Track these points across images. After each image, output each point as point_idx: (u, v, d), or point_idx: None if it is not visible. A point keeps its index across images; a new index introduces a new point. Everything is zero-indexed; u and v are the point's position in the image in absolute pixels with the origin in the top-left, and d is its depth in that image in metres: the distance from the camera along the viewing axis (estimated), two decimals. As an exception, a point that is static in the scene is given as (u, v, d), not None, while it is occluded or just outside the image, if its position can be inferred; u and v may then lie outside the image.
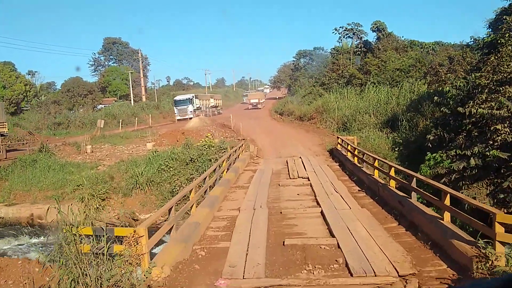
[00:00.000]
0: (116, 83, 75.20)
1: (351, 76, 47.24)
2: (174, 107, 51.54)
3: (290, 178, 16.51)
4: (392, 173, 12.15)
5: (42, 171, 25.02)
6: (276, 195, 13.58)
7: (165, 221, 17.95)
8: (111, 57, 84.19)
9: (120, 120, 38.20)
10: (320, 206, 11.60)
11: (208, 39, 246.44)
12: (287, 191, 14.25)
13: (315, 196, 12.99)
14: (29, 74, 73.24)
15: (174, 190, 22.33)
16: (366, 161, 15.75)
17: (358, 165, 16.53)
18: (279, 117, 48.81)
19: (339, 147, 22.24)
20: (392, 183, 12.09)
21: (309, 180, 15.73)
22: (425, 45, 47.95)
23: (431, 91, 28.83)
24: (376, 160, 14.07)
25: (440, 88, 28.61)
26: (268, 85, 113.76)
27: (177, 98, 53.63)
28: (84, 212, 22.55)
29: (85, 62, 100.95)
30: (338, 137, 22.96)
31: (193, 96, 51.79)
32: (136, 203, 23.00)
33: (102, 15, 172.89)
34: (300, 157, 21.91)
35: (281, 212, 11.34)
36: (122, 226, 22.84)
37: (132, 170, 23.91)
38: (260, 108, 65.33)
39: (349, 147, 19.26)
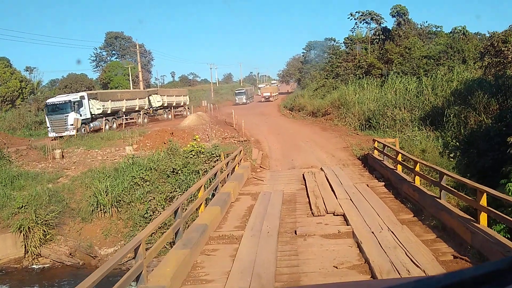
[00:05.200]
0: (117, 79, 68.57)
1: (370, 65, 39.96)
2: (46, 117, 29.66)
3: (314, 215, 9.38)
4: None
5: (-17, 186, 18.21)
6: (292, 270, 6.48)
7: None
8: (113, 52, 77.11)
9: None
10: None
11: (215, 33, 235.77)
12: (313, 254, 7.14)
13: (373, 276, 5.89)
14: (27, 71, 66.82)
15: (147, 214, 15.47)
16: (446, 187, 8.60)
17: (427, 192, 9.39)
18: (289, 113, 41.66)
19: (376, 153, 15.02)
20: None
21: (347, 221, 8.62)
22: (455, 29, 40.21)
23: (490, 77, 21.52)
24: (484, 195, 6.89)
25: (503, 72, 21.28)
26: (275, 79, 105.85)
27: (50, 101, 30.74)
28: (23, 246, 16.02)
29: (87, 57, 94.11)
30: (374, 140, 15.69)
31: (82, 98, 29.76)
32: (97, 232, 16.17)
33: (103, 9, 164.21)
34: (322, 169, 14.75)
35: None
36: (75, 265, 16.04)
37: (95, 185, 17.00)
38: (272, 101, 62.54)
39: (399, 157, 12.03)
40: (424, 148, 17.94)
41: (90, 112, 30.01)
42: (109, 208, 16.33)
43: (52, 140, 25.81)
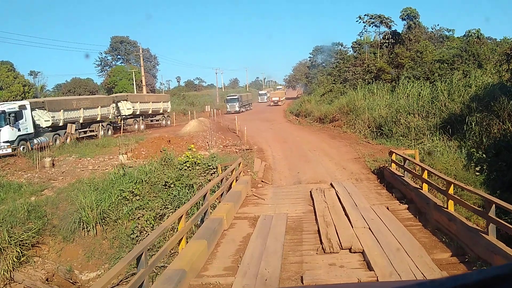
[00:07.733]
0: (122, 83, 67.13)
1: (380, 70, 38.05)
2: None
3: (325, 252, 7.38)
4: None
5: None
6: None
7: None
8: (118, 56, 75.75)
9: (100, 124, 29.36)
10: None
11: (221, 38, 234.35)
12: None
13: None
14: (31, 75, 65.57)
15: (133, 234, 13.52)
16: (496, 221, 6.56)
17: (469, 224, 7.35)
18: (295, 119, 39.75)
19: (394, 167, 12.99)
20: None
21: (368, 264, 6.62)
22: (469, 32, 38.08)
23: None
24: None
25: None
26: (281, 85, 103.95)
27: None
28: (-6, 269, 14.14)
29: (92, 61, 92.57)
30: (391, 152, 13.63)
31: (22, 108, 23.73)
32: (79, 253, 14.21)
33: (109, 13, 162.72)
34: (332, 185, 12.74)
35: None
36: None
37: (78, 199, 15.10)
38: (280, 105, 63.60)
39: (425, 175, 9.98)
40: (430, 151, 16.00)
41: (36, 125, 24.49)
42: (93, 226, 14.42)
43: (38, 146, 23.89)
